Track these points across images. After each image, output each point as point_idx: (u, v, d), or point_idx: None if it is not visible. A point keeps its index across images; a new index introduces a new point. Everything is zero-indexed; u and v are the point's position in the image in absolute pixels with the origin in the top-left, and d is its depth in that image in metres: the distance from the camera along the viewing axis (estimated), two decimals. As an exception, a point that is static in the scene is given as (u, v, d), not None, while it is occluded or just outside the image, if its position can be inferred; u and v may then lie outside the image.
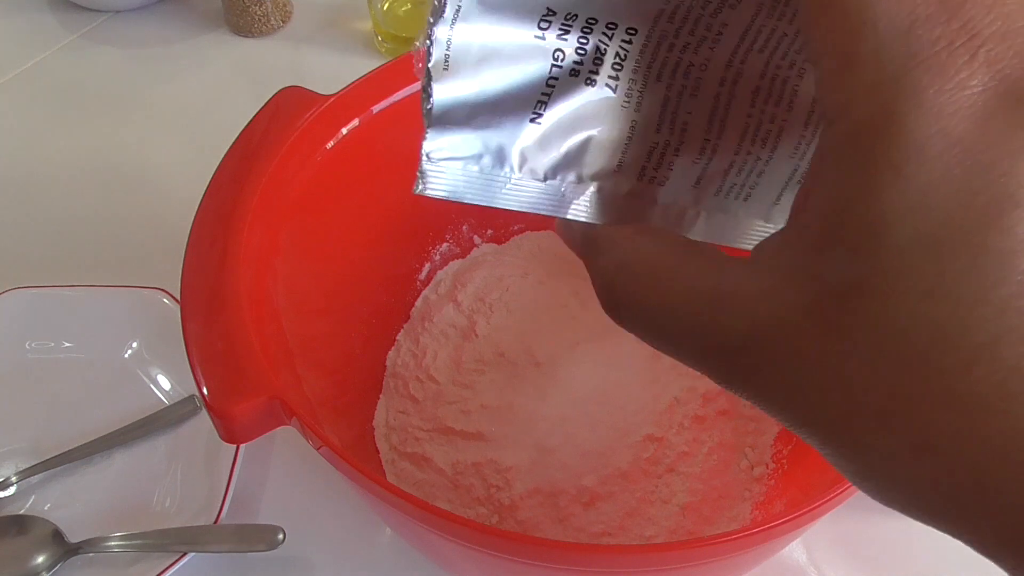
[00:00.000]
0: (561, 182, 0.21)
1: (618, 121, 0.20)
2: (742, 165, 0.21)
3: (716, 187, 0.21)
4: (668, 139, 0.21)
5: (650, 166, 0.21)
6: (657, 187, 0.21)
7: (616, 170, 0.21)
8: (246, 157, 0.40)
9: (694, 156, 0.21)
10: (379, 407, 0.49)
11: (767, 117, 0.21)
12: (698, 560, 0.32)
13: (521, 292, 0.52)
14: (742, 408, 0.48)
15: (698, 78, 0.20)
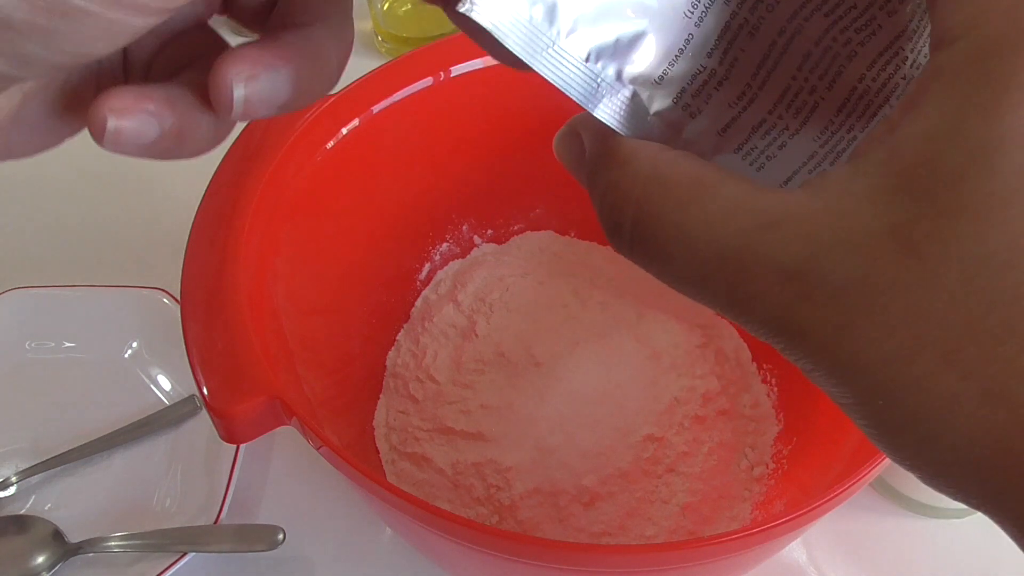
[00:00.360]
0: (601, 70, 0.19)
1: (676, 28, 0.19)
2: (770, 128, 0.20)
3: (739, 142, 0.20)
4: (716, 68, 0.20)
5: (690, 90, 0.20)
6: (688, 118, 0.20)
7: (657, 81, 0.20)
8: (246, 157, 0.40)
9: (732, 98, 0.20)
10: (379, 407, 0.49)
11: (808, 87, 0.20)
12: (698, 560, 0.32)
13: (521, 292, 0.52)
14: (742, 408, 0.48)
15: (761, 17, 0.20)
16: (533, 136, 0.50)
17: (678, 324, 0.51)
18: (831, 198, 0.15)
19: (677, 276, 0.17)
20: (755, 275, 0.15)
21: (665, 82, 0.20)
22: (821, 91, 0.20)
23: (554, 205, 0.55)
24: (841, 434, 0.40)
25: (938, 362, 0.14)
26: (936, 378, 0.14)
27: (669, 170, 0.17)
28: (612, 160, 0.18)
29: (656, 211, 0.17)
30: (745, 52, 0.20)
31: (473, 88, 0.47)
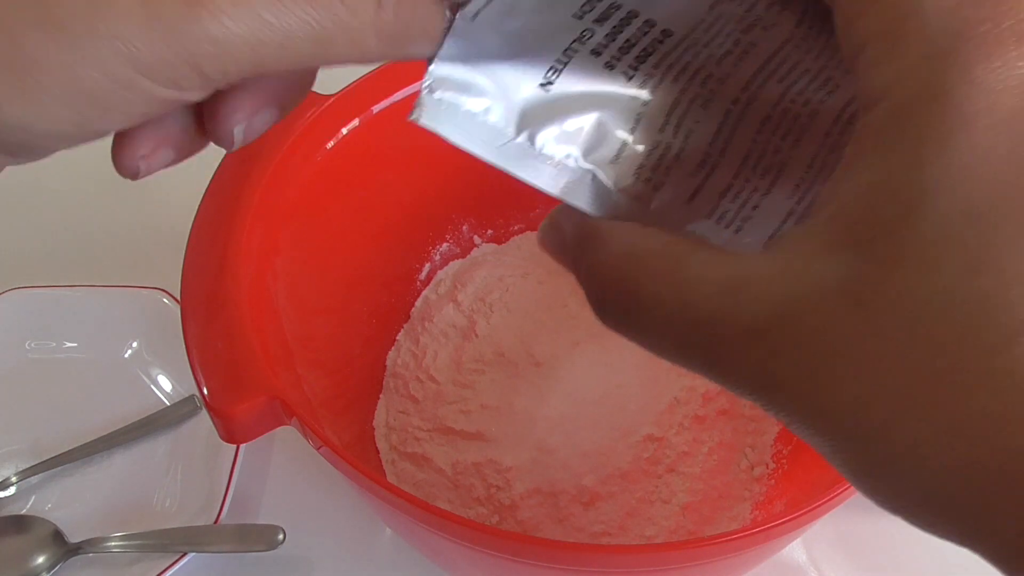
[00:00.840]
0: (562, 158, 0.20)
1: (626, 109, 0.20)
2: (739, 191, 0.21)
3: (710, 208, 0.21)
4: (670, 141, 0.21)
5: (648, 164, 0.21)
6: (652, 190, 0.21)
7: (614, 160, 0.21)
8: (246, 157, 0.40)
9: (693, 167, 0.21)
10: (379, 407, 0.49)
11: (772, 148, 0.21)
12: (698, 560, 0.32)
13: (521, 292, 0.52)
14: (742, 408, 0.48)
15: (712, 90, 0.20)
16: (533, 136, 0.50)
17: (678, 324, 0.51)
18: (787, 258, 0.16)
19: (660, 345, 0.19)
20: (725, 337, 0.17)
21: (622, 159, 0.21)
22: (786, 150, 0.21)
23: (554, 205, 0.55)
24: (841, 434, 0.40)
25: (896, 407, 0.15)
26: (896, 423, 0.15)
27: (642, 245, 0.18)
28: (589, 243, 0.19)
29: (633, 287, 0.18)
30: (699, 123, 0.20)
31: (473, 88, 0.47)
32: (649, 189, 0.21)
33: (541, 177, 0.21)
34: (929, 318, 0.14)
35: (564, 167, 0.20)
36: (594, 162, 0.21)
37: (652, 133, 0.21)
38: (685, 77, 0.20)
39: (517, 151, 0.20)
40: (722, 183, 0.21)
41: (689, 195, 0.21)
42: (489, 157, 0.20)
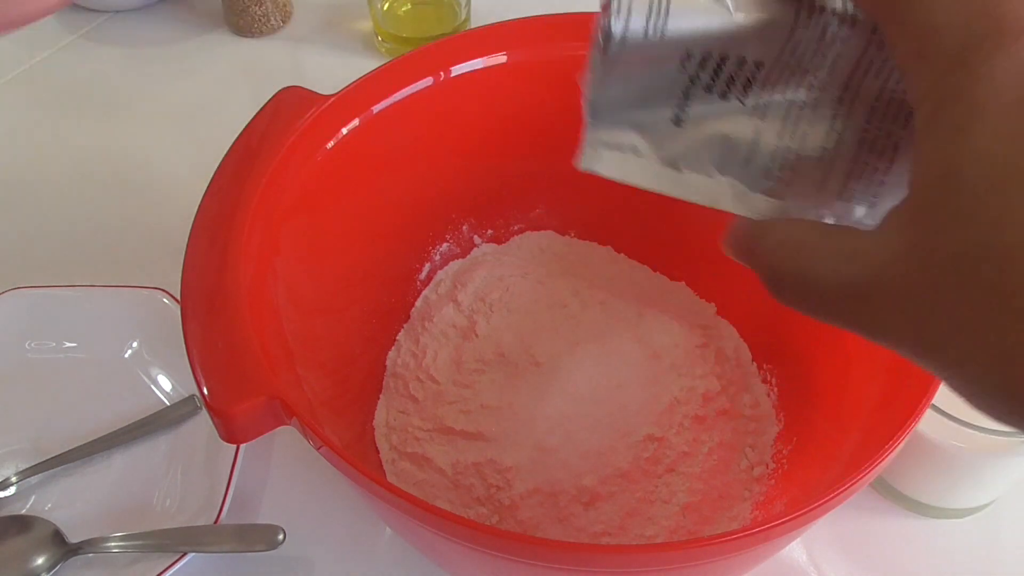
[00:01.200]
0: (700, 175, 0.25)
1: (746, 127, 0.25)
2: (861, 173, 0.25)
3: (840, 190, 0.25)
4: (788, 145, 0.25)
5: (774, 167, 0.25)
6: (784, 187, 0.25)
7: (744, 169, 0.25)
8: (246, 157, 0.40)
9: (814, 162, 0.25)
10: (379, 407, 0.49)
11: (884, 132, 0.24)
12: (698, 560, 0.32)
13: (521, 292, 0.52)
14: (742, 408, 0.48)
15: (816, 97, 0.24)
16: (533, 136, 0.50)
17: (678, 324, 0.51)
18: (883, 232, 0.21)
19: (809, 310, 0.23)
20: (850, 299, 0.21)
21: (752, 168, 0.25)
22: (897, 132, 0.24)
23: (554, 205, 0.55)
24: (841, 434, 0.40)
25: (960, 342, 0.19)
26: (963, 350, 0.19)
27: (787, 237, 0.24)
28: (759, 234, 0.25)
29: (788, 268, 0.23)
30: (812, 125, 0.25)
31: (473, 88, 0.47)
32: (782, 187, 0.25)
33: (691, 194, 0.26)
34: (969, 268, 0.19)
35: (707, 183, 0.25)
36: (729, 175, 0.25)
37: (772, 141, 0.25)
38: (789, 91, 0.24)
39: (668, 177, 0.26)
40: (844, 169, 0.25)
41: (818, 184, 0.25)
42: (647, 186, 0.26)
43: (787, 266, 0.23)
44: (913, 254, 0.20)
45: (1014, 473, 0.45)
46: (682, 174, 0.25)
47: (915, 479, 0.46)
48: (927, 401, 0.33)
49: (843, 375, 0.43)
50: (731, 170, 0.25)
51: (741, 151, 0.25)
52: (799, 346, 0.47)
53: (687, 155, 0.25)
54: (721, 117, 0.25)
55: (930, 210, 0.20)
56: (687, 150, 0.25)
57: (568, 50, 0.48)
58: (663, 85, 0.24)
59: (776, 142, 0.25)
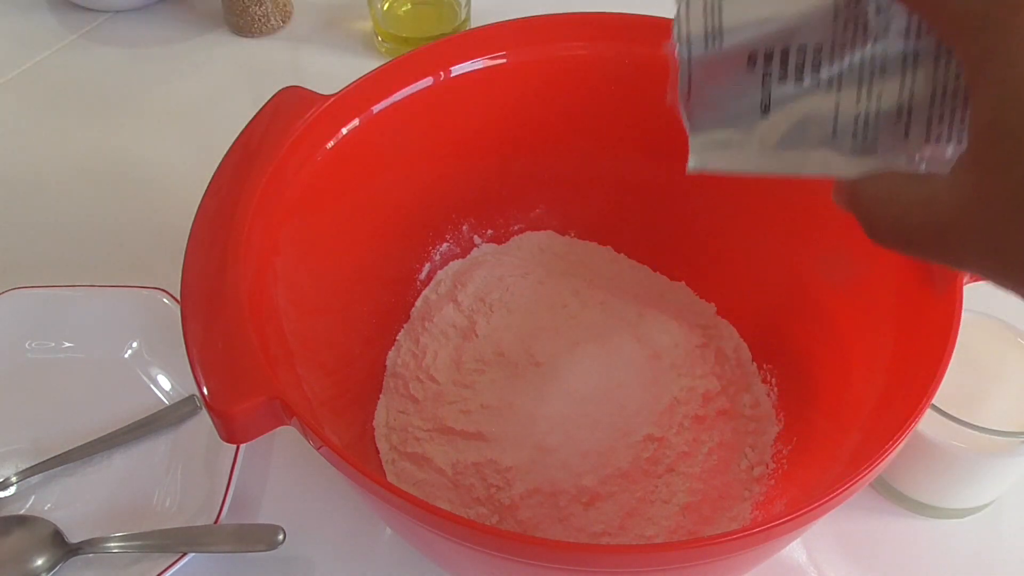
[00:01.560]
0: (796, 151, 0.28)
1: (826, 101, 0.28)
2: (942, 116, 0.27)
3: (924, 136, 0.27)
4: (867, 106, 0.27)
5: (859, 129, 0.28)
6: (872, 143, 0.28)
7: (833, 137, 0.28)
8: (246, 157, 0.40)
9: (894, 117, 0.27)
10: (379, 407, 0.49)
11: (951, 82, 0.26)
12: (698, 560, 0.32)
13: (521, 292, 0.52)
14: (742, 408, 0.48)
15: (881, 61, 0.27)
16: (533, 136, 0.50)
17: (678, 324, 0.51)
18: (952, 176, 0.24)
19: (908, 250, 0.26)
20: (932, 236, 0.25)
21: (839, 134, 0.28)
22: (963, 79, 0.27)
23: (554, 205, 0.55)
24: (841, 434, 0.40)
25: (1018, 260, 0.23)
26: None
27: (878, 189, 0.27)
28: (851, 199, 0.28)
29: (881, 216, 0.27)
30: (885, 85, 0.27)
31: (473, 88, 0.47)
32: (870, 144, 0.28)
33: (793, 170, 0.29)
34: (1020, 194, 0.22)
35: (805, 157, 0.29)
36: (822, 146, 0.28)
37: (851, 108, 0.28)
38: (854, 61, 0.27)
39: (769, 160, 0.29)
40: (924, 117, 0.27)
41: (903, 135, 0.28)
42: (752, 172, 0.29)
43: (880, 214, 0.27)
44: (976, 195, 0.23)
45: (1014, 473, 0.45)
46: (781, 154, 0.29)
47: (915, 479, 0.46)
48: (927, 401, 0.33)
49: (843, 375, 0.43)
50: (822, 141, 0.28)
51: (827, 123, 0.28)
52: (799, 346, 0.47)
53: (781, 138, 0.28)
54: (802, 98, 0.28)
55: (984, 155, 0.23)
56: (780, 134, 0.28)
57: (568, 50, 0.48)
58: (742, 86, 0.28)
59: (855, 108, 0.27)
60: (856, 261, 0.43)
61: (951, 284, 0.36)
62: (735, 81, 0.28)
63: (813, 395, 0.45)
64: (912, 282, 0.38)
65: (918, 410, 0.33)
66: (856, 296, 0.43)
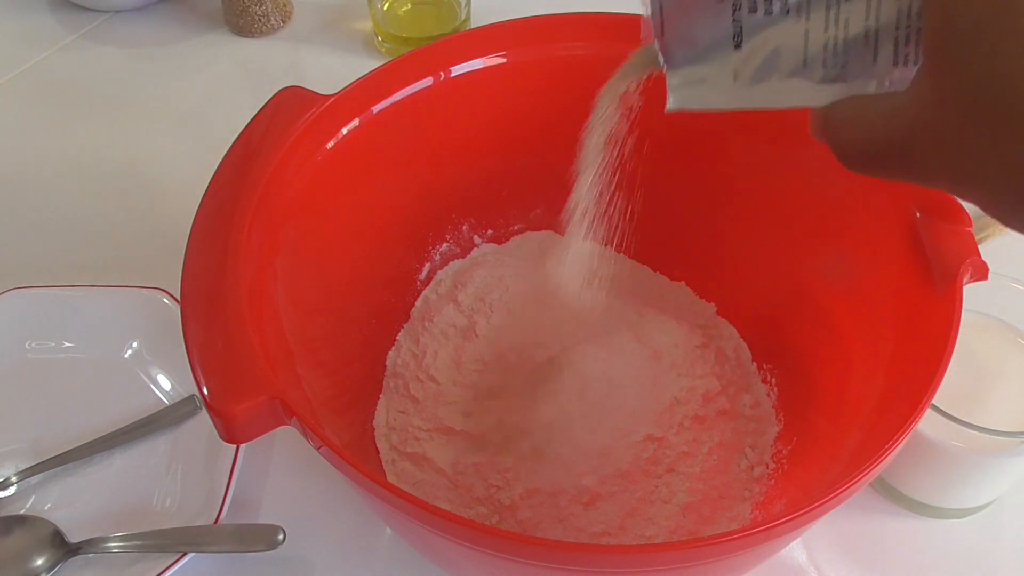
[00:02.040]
0: (769, 83, 0.29)
1: (796, 31, 0.28)
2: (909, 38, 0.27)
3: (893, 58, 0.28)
4: (835, 34, 0.28)
5: (828, 57, 0.28)
6: (841, 70, 0.28)
7: (804, 66, 0.28)
8: (246, 157, 0.40)
9: (862, 43, 0.28)
10: (379, 407, 0.49)
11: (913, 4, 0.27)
12: (698, 560, 0.32)
13: (521, 292, 0.52)
14: (742, 408, 0.48)
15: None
16: (533, 136, 0.50)
17: (678, 324, 0.51)
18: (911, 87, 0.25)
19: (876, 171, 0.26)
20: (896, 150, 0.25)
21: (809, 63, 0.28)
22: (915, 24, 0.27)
23: (554, 205, 0.54)
24: (841, 434, 0.40)
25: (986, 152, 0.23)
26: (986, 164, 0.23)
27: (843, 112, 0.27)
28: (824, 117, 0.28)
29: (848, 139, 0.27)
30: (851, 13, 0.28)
31: (473, 88, 0.47)
32: (837, 71, 0.28)
33: (767, 103, 0.29)
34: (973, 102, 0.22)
35: (777, 89, 0.29)
36: (794, 76, 0.29)
37: (820, 36, 0.28)
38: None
39: (743, 94, 0.29)
40: (891, 39, 0.28)
41: (871, 59, 0.28)
42: (728, 107, 0.29)
43: (847, 137, 0.27)
44: (934, 100, 0.23)
45: (1014, 473, 0.45)
46: (756, 88, 0.29)
47: (915, 479, 0.46)
48: (927, 401, 0.33)
49: (843, 375, 0.43)
50: (794, 72, 0.29)
51: (798, 53, 0.28)
52: (799, 346, 0.47)
53: (755, 71, 0.29)
54: (772, 28, 0.28)
55: (937, 58, 0.23)
56: (753, 66, 0.29)
57: (568, 50, 0.48)
58: (713, 18, 0.28)
59: (824, 35, 0.28)
60: (856, 261, 0.43)
61: (951, 284, 0.36)
62: (706, 14, 0.28)
63: (813, 395, 0.45)
64: (912, 282, 0.38)
65: (918, 410, 0.33)
66: (856, 296, 0.43)
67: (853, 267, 0.44)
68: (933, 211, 0.38)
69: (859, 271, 0.43)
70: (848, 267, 0.44)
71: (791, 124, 0.44)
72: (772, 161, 0.47)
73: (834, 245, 0.45)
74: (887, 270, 0.40)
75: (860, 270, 0.43)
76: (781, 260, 0.48)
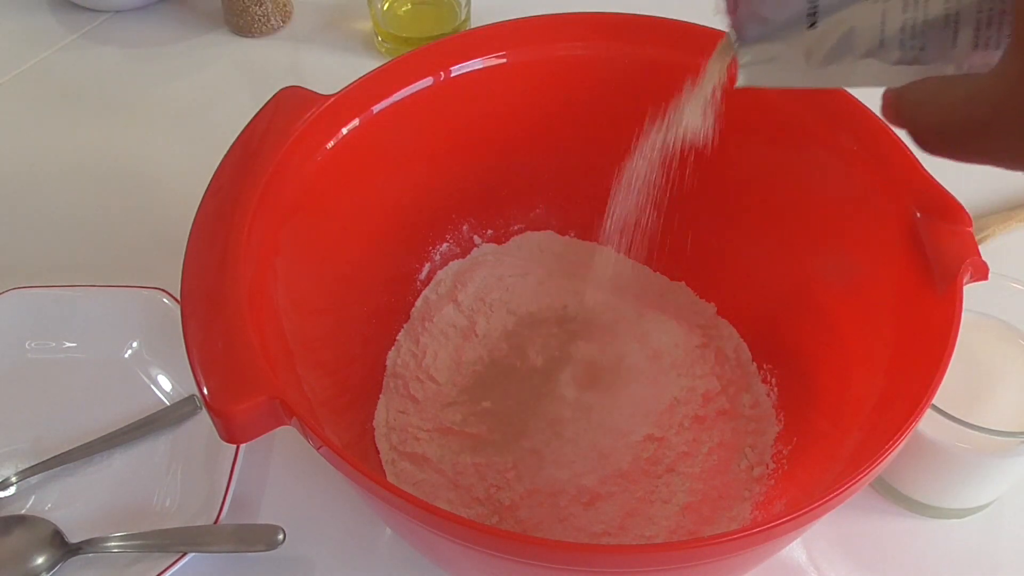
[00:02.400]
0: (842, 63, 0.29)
1: (873, 11, 0.28)
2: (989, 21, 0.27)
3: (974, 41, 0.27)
4: (914, 15, 0.27)
5: (906, 38, 0.28)
6: (919, 51, 0.28)
7: (880, 48, 0.28)
8: (246, 157, 0.40)
9: (941, 23, 0.27)
10: (379, 407, 0.49)
11: None
12: (698, 560, 0.32)
13: (521, 292, 0.52)
14: (742, 408, 0.48)
15: None
16: (533, 136, 0.50)
17: (678, 324, 0.51)
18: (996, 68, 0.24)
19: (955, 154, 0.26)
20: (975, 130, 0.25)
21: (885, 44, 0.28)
22: None
23: (554, 205, 0.55)
24: (841, 434, 0.40)
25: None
26: None
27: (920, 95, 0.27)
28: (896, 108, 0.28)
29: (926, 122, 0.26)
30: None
31: (473, 88, 0.47)
32: (916, 52, 0.28)
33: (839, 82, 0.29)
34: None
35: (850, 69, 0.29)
36: (866, 56, 0.28)
37: (897, 17, 0.27)
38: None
39: (815, 74, 0.29)
40: (972, 22, 0.27)
41: (951, 42, 0.27)
42: (798, 85, 0.30)
43: (925, 120, 0.26)
44: (1020, 78, 0.23)
45: (1014, 473, 0.45)
46: (828, 67, 0.29)
47: (915, 479, 0.46)
48: (927, 401, 0.33)
49: (843, 375, 0.43)
50: (869, 52, 0.28)
51: (874, 34, 0.28)
52: (799, 346, 0.47)
53: (828, 50, 0.29)
54: (848, 8, 0.28)
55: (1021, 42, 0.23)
56: (827, 46, 0.29)
57: (568, 50, 0.48)
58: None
59: (902, 16, 0.27)
60: (856, 261, 0.43)
61: (951, 284, 0.36)
62: None
63: (813, 395, 0.45)
64: (912, 282, 0.38)
65: (918, 410, 0.33)
66: (856, 296, 0.43)
67: (853, 267, 0.44)
68: (933, 211, 0.38)
69: (859, 271, 0.43)
70: (848, 267, 0.44)
71: (791, 124, 0.45)
72: (772, 161, 0.47)
73: (834, 245, 0.45)
74: (887, 270, 0.40)
75: (860, 270, 0.43)
76: (781, 260, 0.48)
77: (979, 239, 0.57)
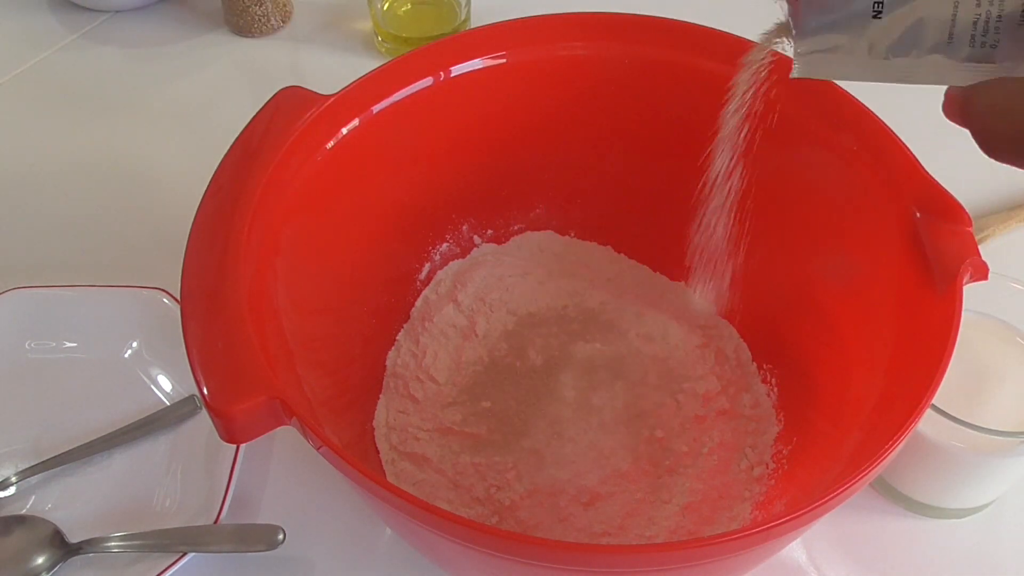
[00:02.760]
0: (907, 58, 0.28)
1: (943, 4, 0.26)
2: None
3: None
4: (988, 10, 0.26)
5: (977, 35, 0.27)
6: (991, 49, 0.27)
7: (949, 42, 0.27)
8: (246, 157, 0.40)
9: (1016, 21, 0.26)
10: (379, 407, 0.49)
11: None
12: (698, 560, 0.32)
13: (521, 292, 0.52)
14: (742, 408, 0.48)
15: None
16: (533, 136, 0.50)
17: (678, 324, 0.51)
18: None
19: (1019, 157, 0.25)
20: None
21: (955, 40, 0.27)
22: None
23: (554, 205, 0.55)
24: (841, 434, 0.40)
25: None
26: None
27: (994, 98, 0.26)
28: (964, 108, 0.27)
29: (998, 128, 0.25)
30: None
31: (473, 88, 0.47)
32: (989, 52, 0.27)
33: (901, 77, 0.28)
34: None
35: (914, 64, 0.28)
36: (935, 52, 0.27)
37: (970, 11, 0.26)
38: None
39: (876, 66, 0.28)
40: None
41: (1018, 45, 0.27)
42: (858, 78, 0.28)
43: (997, 126, 0.25)
44: None
45: (1014, 473, 0.45)
46: (891, 61, 0.28)
47: (915, 479, 0.46)
48: (927, 401, 0.33)
49: (843, 375, 0.43)
50: (936, 47, 0.27)
51: (943, 28, 0.27)
52: (799, 346, 0.47)
53: (892, 43, 0.28)
54: (918, 1, 0.27)
55: None
56: (891, 39, 0.27)
57: (568, 50, 0.48)
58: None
59: (976, 10, 0.26)
60: (856, 261, 0.43)
61: (951, 284, 0.36)
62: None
63: (813, 395, 0.45)
64: (912, 282, 0.38)
65: (918, 410, 0.33)
66: (856, 296, 0.43)
67: (853, 267, 0.44)
68: (933, 211, 0.38)
69: (859, 271, 0.43)
70: (848, 267, 0.44)
71: (791, 124, 0.45)
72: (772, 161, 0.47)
73: (834, 245, 0.45)
74: (887, 270, 0.40)
75: (860, 270, 0.43)
76: (781, 260, 0.48)
77: (979, 239, 0.57)
